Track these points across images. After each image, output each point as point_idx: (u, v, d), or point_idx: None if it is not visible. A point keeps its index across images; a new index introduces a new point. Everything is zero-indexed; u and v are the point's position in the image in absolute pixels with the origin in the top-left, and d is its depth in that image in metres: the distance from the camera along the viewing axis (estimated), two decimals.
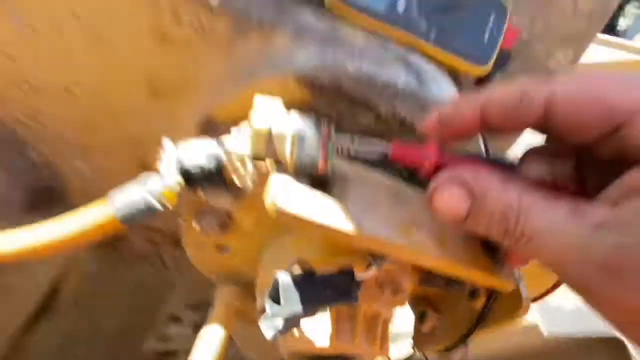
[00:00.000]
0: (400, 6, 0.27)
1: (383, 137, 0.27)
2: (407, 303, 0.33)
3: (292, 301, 0.16)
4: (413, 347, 0.33)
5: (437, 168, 0.17)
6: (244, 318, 0.31)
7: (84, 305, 0.84)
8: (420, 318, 0.32)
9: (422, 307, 0.33)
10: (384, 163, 0.22)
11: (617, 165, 0.15)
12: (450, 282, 0.27)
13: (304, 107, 0.25)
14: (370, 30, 0.27)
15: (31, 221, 0.35)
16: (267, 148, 0.16)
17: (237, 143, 0.17)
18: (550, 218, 0.14)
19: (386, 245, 0.16)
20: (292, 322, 0.16)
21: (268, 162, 0.16)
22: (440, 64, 0.28)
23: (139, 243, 0.64)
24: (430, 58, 0.28)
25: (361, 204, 0.17)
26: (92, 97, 0.28)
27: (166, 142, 0.17)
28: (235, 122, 0.27)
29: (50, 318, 0.59)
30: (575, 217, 0.14)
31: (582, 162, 0.17)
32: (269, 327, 0.16)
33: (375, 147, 0.17)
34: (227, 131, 0.27)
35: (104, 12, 0.22)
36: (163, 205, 0.17)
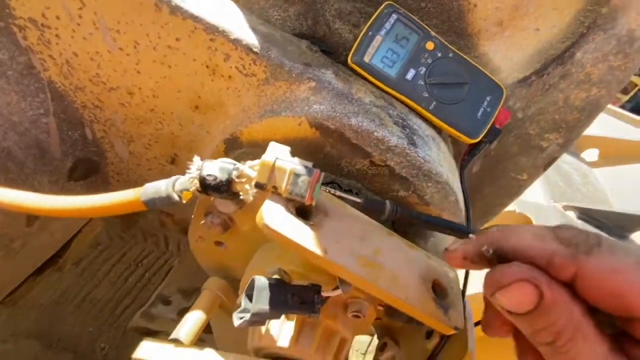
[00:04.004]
0: (409, 75, 0.31)
1: (374, 180, 0.31)
2: (371, 331, 0.36)
3: (262, 300, 0.20)
4: None
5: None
6: (226, 310, 0.35)
7: (84, 269, 0.91)
8: (381, 347, 0.35)
9: (385, 337, 0.36)
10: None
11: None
12: (411, 319, 0.30)
13: (312, 144, 0.30)
14: (381, 90, 0.32)
15: (70, 183, 0.41)
16: (269, 178, 0.20)
17: (248, 167, 0.21)
18: (595, 351, 0.15)
19: (342, 271, 0.20)
20: (258, 318, 0.20)
21: (267, 188, 0.21)
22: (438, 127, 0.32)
23: (153, 221, 0.71)
24: (429, 122, 0.32)
25: (332, 235, 0.21)
26: (146, 99, 0.35)
27: (196, 157, 0.22)
28: (254, 144, 0.32)
29: (53, 272, 0.63)
30: (613, 356, 0.15)
31: None
32: (238, 318, 0.20)
33: (351, 198, 0.22)
34: (247, 149, 0.33)
35: (174, 48, 0.28)
36: (179, 198, 0.22)
